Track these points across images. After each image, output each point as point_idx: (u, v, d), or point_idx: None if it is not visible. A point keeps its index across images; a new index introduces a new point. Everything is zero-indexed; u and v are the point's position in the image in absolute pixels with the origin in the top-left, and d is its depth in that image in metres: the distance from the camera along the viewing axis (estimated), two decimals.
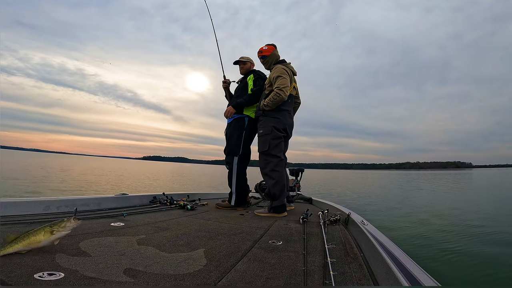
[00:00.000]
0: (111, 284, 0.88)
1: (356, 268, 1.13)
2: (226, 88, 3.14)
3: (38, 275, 0.88)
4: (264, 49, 2.69)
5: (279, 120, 2.53)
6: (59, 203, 2.04)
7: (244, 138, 2.79)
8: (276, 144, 2.52)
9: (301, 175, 4.10)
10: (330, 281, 0.97)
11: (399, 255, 1.21)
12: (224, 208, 2.78)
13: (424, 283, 0.90)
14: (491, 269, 2.94)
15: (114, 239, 1.39)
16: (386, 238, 1.63)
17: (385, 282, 0.93)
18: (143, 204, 2.66)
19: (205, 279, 0.97)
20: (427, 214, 6.44)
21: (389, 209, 7.39)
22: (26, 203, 1.87)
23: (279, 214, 2.43)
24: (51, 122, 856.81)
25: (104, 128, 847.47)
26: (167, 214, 2.25)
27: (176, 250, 1.28)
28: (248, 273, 1.04)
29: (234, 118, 2.85)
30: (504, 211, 6.84)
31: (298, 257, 1.27)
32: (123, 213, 2.07)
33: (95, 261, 1.06)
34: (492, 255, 3.33)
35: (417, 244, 3.84)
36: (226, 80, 3.11)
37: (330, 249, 1.33)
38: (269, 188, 2.49)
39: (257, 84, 2.80)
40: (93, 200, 2.28)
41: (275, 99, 2.44)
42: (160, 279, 0.94)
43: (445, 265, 3.05)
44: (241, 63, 2.97)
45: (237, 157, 2.77)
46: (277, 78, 2.47)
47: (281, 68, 2.53)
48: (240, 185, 2.79)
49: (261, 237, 1.62)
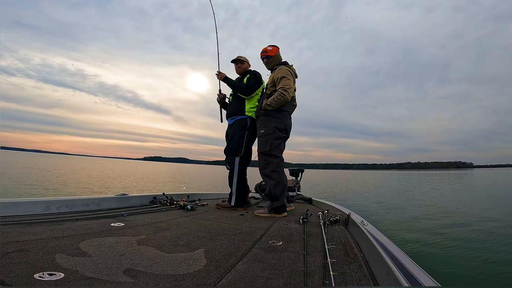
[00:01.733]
0: (111, 284, 0.88)
1: (356, 269, 1.13)
2: (220, 102, 3.11)
3: (38, 275, 0.88)
4: (268, 49, 2.68)
5: (280, 120, 2.54)
6: (59, 203, 2.04)
7: (246, 139, 2.80)
8: (277, 145, 2.52)
9: (301, 175, 4.10)
10: (330, 281, 0.97)
11: (399, 255, 1.21)
12: (224, 208, 2.78)
13: (424, 284, 0.89)
14: (491, 269, 2.94)
15: (114, 240, 1.39)
16: (386, 238, 1.63)
17: (385, 283, 0.92)
18: (143, 204, 2.66)
19: (205, 279, 0.96)
20: (427, 214, 6.44)
21: (389, 209, 7.38)
22: (26, 203, 1.86)
23: (279, 215, 2.43)
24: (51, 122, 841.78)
25: (105, 128, 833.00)
26: (167, 215, 2.25)
27: (176, 251, 1.28)
28: (248, 274, 1.04)
29: (236, 119, 2.86)
30: (505, 211, 6.83)
31: (298, 257, 1.27)
32: (123, 214, 2.07)
33: (95, 261, 1.06)
34: (492, 255, 3.33)
35: (417, 245, 3.84)
36: (221, 94, 3.08)
37: (330, 249, 1.33)
38: (270, 189, 2.49)
39: (250, 81, 2.82)
40: (93, 200, 2.28)
41: (279, 99, 2.45)
42: (160, 280, 0.94)
43: (445, 265, 3.05)
44: (238, 62, 2.96)
45: (239, 157, 2.77)
46: (282, 79, 2.48)
47: (285, 69, 2.54)
48: (241, 186, 2.79)
49: (261, 238, 1.62)
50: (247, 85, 2.79)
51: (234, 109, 2.89)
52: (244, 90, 2.79)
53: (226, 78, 2.88)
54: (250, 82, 2.80)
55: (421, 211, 7.12)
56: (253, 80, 2.81)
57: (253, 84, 2.79)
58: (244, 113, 2.83)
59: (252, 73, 2.89)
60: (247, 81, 2.82)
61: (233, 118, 2.89)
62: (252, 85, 2.79)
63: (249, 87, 2.78)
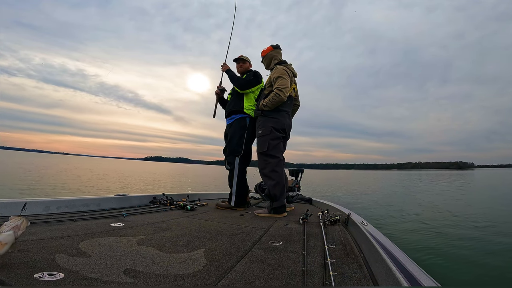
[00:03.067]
0: (111, 284, 0.88)
1: (356, 269, 1.13)
2: (218, 95, 3.08)
3: (38, 275, 0.88)
4: (263, 50, 2.74)
5: (278, 121, 2.53)
6: (59, 203, 2.04)
7: (246, 138, 2.80)
8: (275, 145, 2.52)
9: (301, 175, 4.10)
10: (330, 281, 0.97)
11: (399, 255, 1.21)
12: (224, 208, 2.78)
13: (424, 284, 0.89)
14: (491, 269, 2.94)
15: (114, 240, 1.39)
16: (386, 238, 1.63)
17: (385, 283, 0.92)
18: (143, 204, 2.66)
19: (205, 279, 0.96)
20: (427, 215, 6.44)
21: (389, 210, 7.38)
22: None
23: (279, 215, 2.43)
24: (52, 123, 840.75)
25: (106, 128, 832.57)
26: (167, 215, 2.25)
27: (176, 251, 1.28)
28: (248, 274, 1.04)
29: (235, 119, 2.86)
30: (505, 211, 6.83)
31: (298, 257, 1.27)
32: (123, 214, 2.07)
33: (95, 261, 1.06)
34: (492, 255, 3.33)
35: (417, 245, 3.83)
36: (220, 87, 3.05)
37: (330, 249, 1.33)
38: (269, 189, 2.49)
39: (247, 77, 2.85)
40: (93, 200, 2.28)
41: (275, 99, 2.44)
42: (160, 280, 0.94)
43: (445, 265, 3.05)
44: (240, 61, 2.97)
45: (239, 157, 2.77)
46: (277, 79, 2.47)
47: (281, 68, 2.53)
48: (241, 186, 2.79)
49: (261, 238, 1.62)
50: (244, 79, 2.84)
51: (233, 105, 2.89)
52: (240, 83, 2.82)
53: (229, 70, 2.93)
54: (247, 77, 2.84)
55: (421, 211, 7.12)
56: (251, 76, 2.84)
57: (250, 80, 2.81)
58: (243, 110, 2.83)
59: (252, 71, 2.92)
60: (245, 77, 2.86)
61: (232, 118, 2.89)
62: (249, 80, 2.81)
63: (246, 81, 2.81)
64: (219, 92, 3.07)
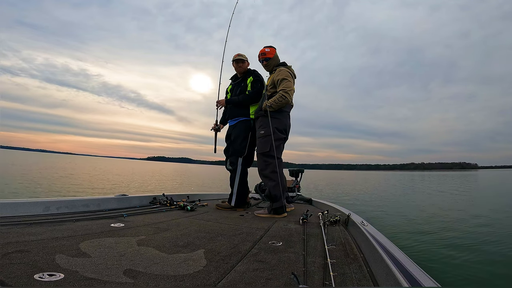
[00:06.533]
0: (111, 285, 0.88)
1: (356, 269, 1.13)
2: (216, 131, 3.11)
3: (38, 276, 0.88)
4: (267, 51, 2.65)
5: (280, 121, 2.54)
6: (59, 203, 2.04)
7: (250, 140, 2.80)
8: (277, 146, 2.52)
9: (301, 176, 4.10)
10: (330, 282, 0.97)
11: (399, 256, 1.21)
12: (224, 209, 2.78)
13: (424, 284, 0.89)
14: (491, 269, 2.93)
15: (114, 240, 1.39)
16: (386, 239, 1.62)
17: (385, 283, 0.92)
18: (143, 205, 2.66)
19: (205, 280, 0.97)
20: (427, 215, 6.43)
21: (389, 210, 7.37)
22: (25, 204, 1.86)
23: (279, 215, 2.43)
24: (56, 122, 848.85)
25: (109, 128, 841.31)
26: (167, 215, 2.25)
27: (176, 251, 1.28)
28: (248, 274, 1.04)
29: (240, 120, 2.85)
30: (507, 213, 6.82)
31: (298, 258, 1.27)
32: (123, 214, 2.07)
33: (95, 262, 1.06)
34: (492, 256, 3.33)
35: (417, 245, 3.83)
36: (216, 126, 3.08)
37: (330, 250, 1.33)
38: (269, 190, 2.49)
39: (254, 87, 2.82)
40: (93, 200, 2.28)
41: (280, 101, 2.45)
42: (160, 280, 0.94)
43: (445, 265, 3.05)
44: (240, 62, 2.94)
45: (242, 158, 2.77)
46: (283, 81, 2.48)
47: (286, 71, 2.54)
48: (242, 186, 2.79)
49: (261, 238, 1.62)
50: (253, 92, 2.80)
51: (237, 110, 2.87)
52: (252, 99, 2.81)
53: (228, 101, 2.90)
54: (255, 87, 2.81)
55: (421, 211, 7.11)
56: (258, 84, 2.82)
57: (259, 89, 2.80)
58: (249, 115, 2.83)
59: (254, 75, 2.88)
60: (251, 87, 2.82)
61: (235, 120, 2.89)
62: (258, 90, 2.79)
63: (256, 93, 2.79)
64: (217, 129, 3.10)
